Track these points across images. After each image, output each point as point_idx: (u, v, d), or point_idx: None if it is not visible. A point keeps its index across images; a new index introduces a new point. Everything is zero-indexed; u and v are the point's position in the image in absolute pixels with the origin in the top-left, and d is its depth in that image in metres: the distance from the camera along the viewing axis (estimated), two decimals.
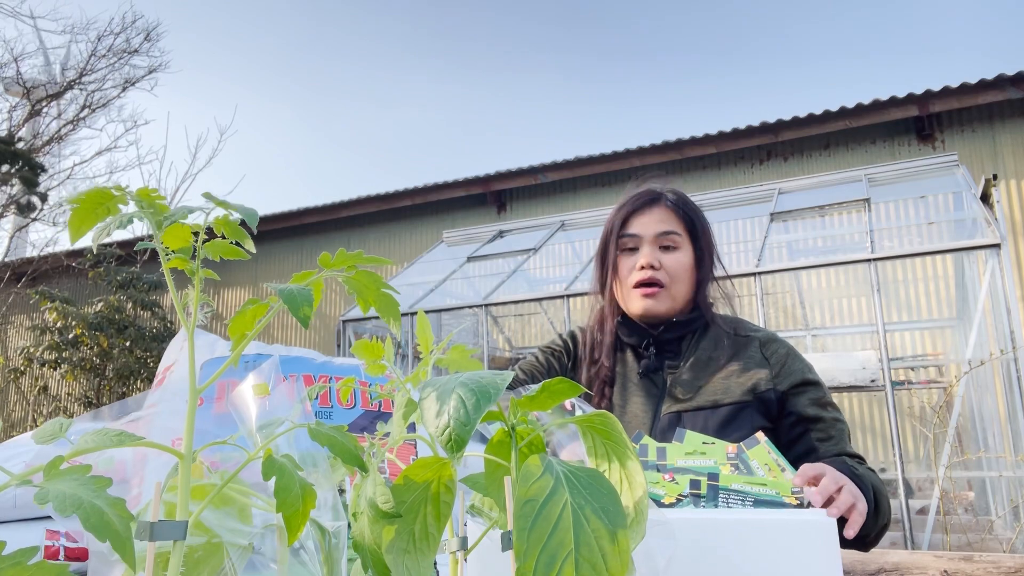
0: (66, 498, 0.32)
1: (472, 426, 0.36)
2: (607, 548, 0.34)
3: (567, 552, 0.34)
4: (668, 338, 1.32)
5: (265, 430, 0.49)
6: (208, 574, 0.44)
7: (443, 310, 5.62)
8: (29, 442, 1.15)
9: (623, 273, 1.34)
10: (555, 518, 0.35)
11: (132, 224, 0.42)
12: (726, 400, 1.22)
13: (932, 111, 6.32)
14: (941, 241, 4.71)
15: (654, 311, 1.30)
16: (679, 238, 1.32)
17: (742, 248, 5.39)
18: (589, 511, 0.35)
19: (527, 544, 0.34)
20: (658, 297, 1.29)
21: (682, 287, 1.31)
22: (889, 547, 3.99)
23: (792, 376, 1.23)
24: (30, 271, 9.99)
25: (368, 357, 0.54)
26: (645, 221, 1.33)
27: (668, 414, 1.24)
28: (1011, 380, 3.93)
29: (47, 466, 0.34)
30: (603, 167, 7.65)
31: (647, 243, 1.32)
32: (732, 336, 1.31)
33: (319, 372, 1.06)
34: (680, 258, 1.32)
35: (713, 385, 1.25)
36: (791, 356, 1.27)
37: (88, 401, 8.73)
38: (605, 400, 1.31)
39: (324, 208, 8.93)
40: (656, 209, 1.34)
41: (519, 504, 0.36)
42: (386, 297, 0.48)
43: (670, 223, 1.33)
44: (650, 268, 1.29)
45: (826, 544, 0.59)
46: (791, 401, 1.22)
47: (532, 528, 0.35)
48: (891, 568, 0.78)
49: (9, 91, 9.80)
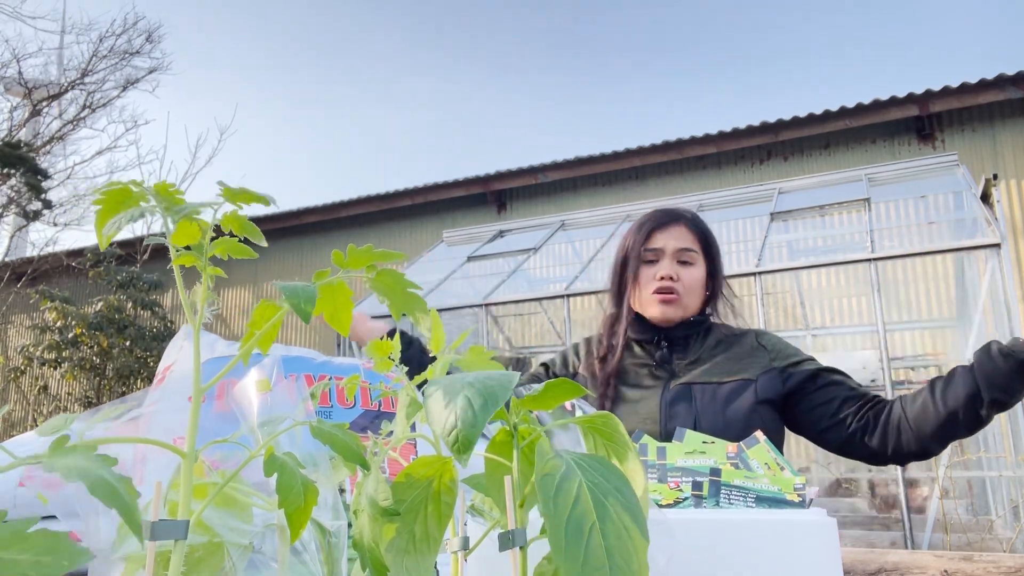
0: (72, 468, 0.32)
1: (480, 428, 0.36)
2: (627, 522, 0.35)
3: (592, 521, 0.35)
4: (677, 336, 1.44)
5: (267, 427, 0.49)
6: (209, 573, 0.43)
7: (443, 310, 5.62)
8: (29, 442, 1.15)
9: (643, 281, 1.46)
10: (574, 493, 0.36)
11: (144, 217, 0.42)
12: (729, 378, 1.34)
13: (932, 111, 6.33)
14: (941, 241, 4.71)
15: (669, 316, 1.42)
16: (695, 255, 1.45)
17: (742, 248, 5.39)
18: (605, 489, 0.36)
19: (554, 513, 0.35)
20: (674, 304, 1.42)
21: (694, 299, 1.45)
22: (889, 547, 3.99)
23: (788, 355, 1.38)
24: (30, 271, 10.00)
25: (380, 355, 0.55)
26: (667, 236, 1.46)
27: (677, 385, 1.36)
28: None
29: (52, 444, 0.34)
30: (603, 167, 7.65)
31: (667, 256, 1.44)
32: (732, 335, 1.45)
33: (319, 371, 1.06)
34: (695, 273, 1.45)
35: (717, 366, 1.37)
36: (783, 342, 1.43)
37: (88, 401, 8.73)
38: (612, 389, 1.41)
39: (324, 208, 8.94)
40: (677, 227, 1.47)
41: (538, 477, 0.36)
42: (413, 297, 0.49)
43: (689, 241, 1.46)
44: (669, 279, 1.42)
45: (826, 544, 0.59)
46: (796, 370, 1.35)
47: (556, 499, 0.35)
48: (891, 568, 0.78)
49: (10, 91, 9.79)
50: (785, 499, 0.86)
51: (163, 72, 10.43)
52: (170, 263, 0.44)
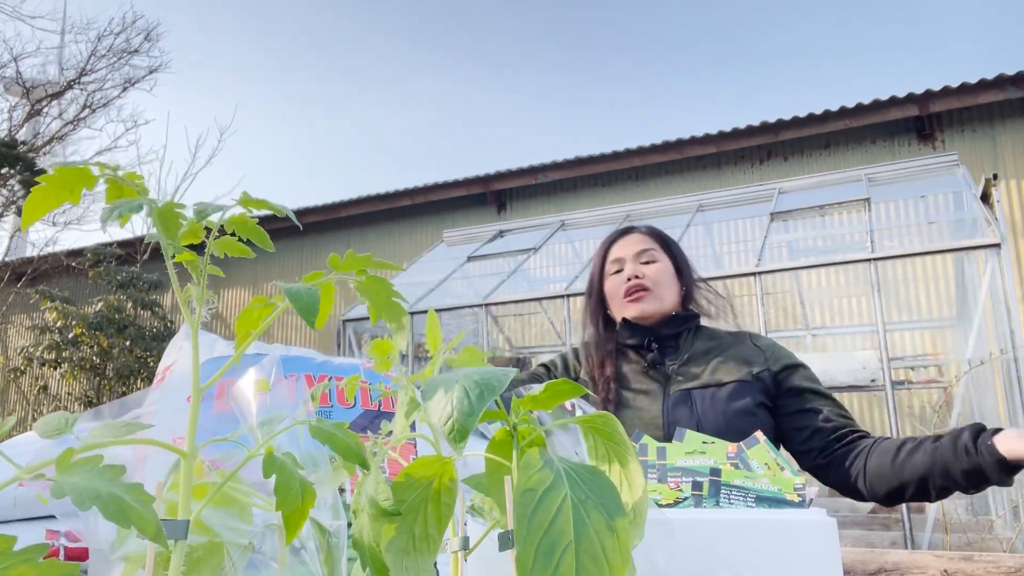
0: (83, 491, 0.32)
1: (476, 417, 0.36)
2: (607, 542, 0.34)
3: (567, 542, 0.34)
4: (667, 335, 1.45)
5: (266, 427, 0.49)
6: (209, 573, 0.43)
7: (443, 310, 5.62)
8: (29, 442, 1.15)
9: (613, 290, 1.51)
10: (555, 509, 0.35)
11: (142, 210, 0.41)
12: (728, 379, 1.35)
13: (932, 111, 6.33)
14: (941, 241, 4.71)
15: (646, 312, 1.45)
16: (656, 253, 1.51)
17: (742, 248, 5.39)
18: (590, 505, 0.35)
19: (527, 532, 0.34)
20: (646, 299, 1.46)
21: (666, 291, 1.48)
22: (889, 547, 3.99)
23: (782, 359, 1.39)
24: (30, 271, 9.99)
25: (380, 355, 0.55)
26: (623, 245, 1.54)
27: (677, 392, 1.36)
28: (1011, 380, 3.93)
29: (58, 460, 0.33)
30: (603, 167, 7.65)
31: (629, 261, 1.50)
32: (723, 334, 1.47)
33: (319, 372, 1.06)
34: (660, 267, 1.49)
35: (714, 368, 1.38)
36: (777, 345, 1.44)
37: (88, 401, 8.73)
38: (613, 393, 1.41)
39: (324, 208, 8.93)
40: (632, 235, 1.56)
41: (518, 493, 0.36)
42: (395, 306, 0.49)
43: (646, 243, 1.53)
44: (635, 277, 1.47)
45: (826, 544, 0.59)
46: (787, 380, 1.35)
47: (532, 517, 0.35)
48: (891, 568, 0.78)
49: (9, 91, 9.79)
50: (785, 499, 0.86)
51: (162, 71, 10.43)
52: (170, 262, 0.44)
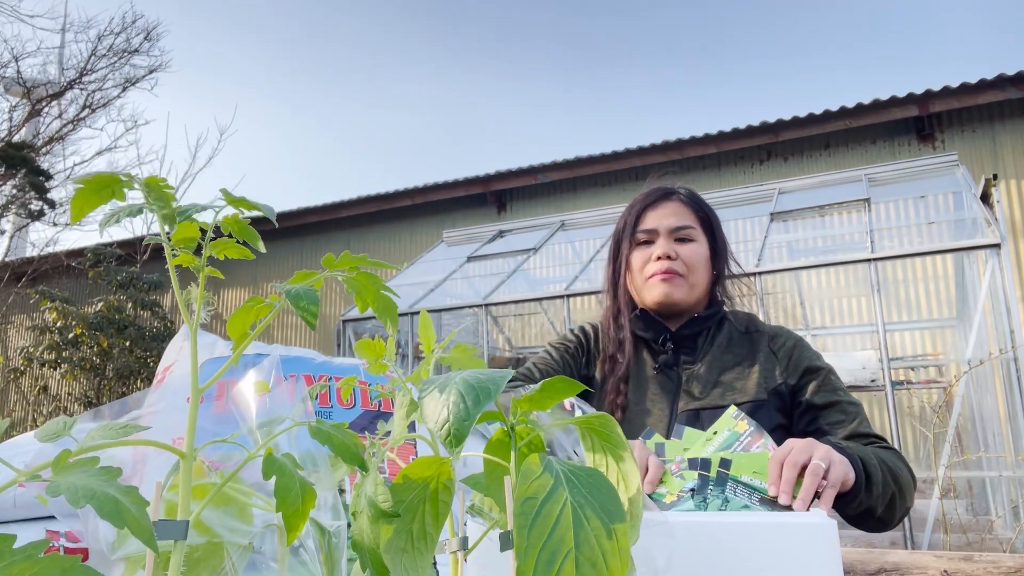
0: (78, 489, 0.32)
1: (471, 421, 0.36)
2: (607, 546, 0.34)
3: (567, 550, 0.34)
4: (685, 335, 1.31)
5: (265, 428, 0.49)
6: (208, 574, 0.44)
7: (443, 310, 5.62)
8: (29, 442, 1.15)
9: (638, 266, 1.33)
10: (555, 516, 0.35)
11: (142, 213, 0.42)
12: (742, 399, 1.21)
13: (932, 111, 6.32)
14: (941, 241, 4.71)
15: (672, 297, 1.28)
16: (694, 231, 1.32)
17: (742, 248, 5.39)
18: (589, 510, 0.35)
19: (527, 542, 0.34)
20: (675, 283, 1.28)
21: (699, 277, 1.31)
22: (889, 547, 3.99)
23: (801, 365, 1.24)
24: (30, 271, 9.99)
25: (370, 356, 0.54)
26: (659, 215, 1.32)
27: (686, 411, 1.23)
28: (1011, 380, 3.93)
29: (55, 460, 0.34)
30: (603, 167, 7.65)
31: (663, 236, 1.31)
32: (744, 334, 1.31)
33: (319, 372, 1.06)
34: (697, 248, 1.31)
35: (729, 383, 1.24)
36: (798, 347, 1.27)
37: (88, 401, 8.73)
38: (621, 396, 1.30)
39: (324, 208, 8.93)
40: (670, 203, 1.34)
41: (519, 502, 0.36)
42: (384, 299, 0.48)
43: (685, 217, 1.32)
44: (667, 259, 1.28)
45: (827, 546, 0.59)
46: (800, 391, 1.22)
47: (532, 526, 0.35)
48: (891, 568, 0.78)
49: (9, 91, 9.79)
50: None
51: (162, 71, 10.42)
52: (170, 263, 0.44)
